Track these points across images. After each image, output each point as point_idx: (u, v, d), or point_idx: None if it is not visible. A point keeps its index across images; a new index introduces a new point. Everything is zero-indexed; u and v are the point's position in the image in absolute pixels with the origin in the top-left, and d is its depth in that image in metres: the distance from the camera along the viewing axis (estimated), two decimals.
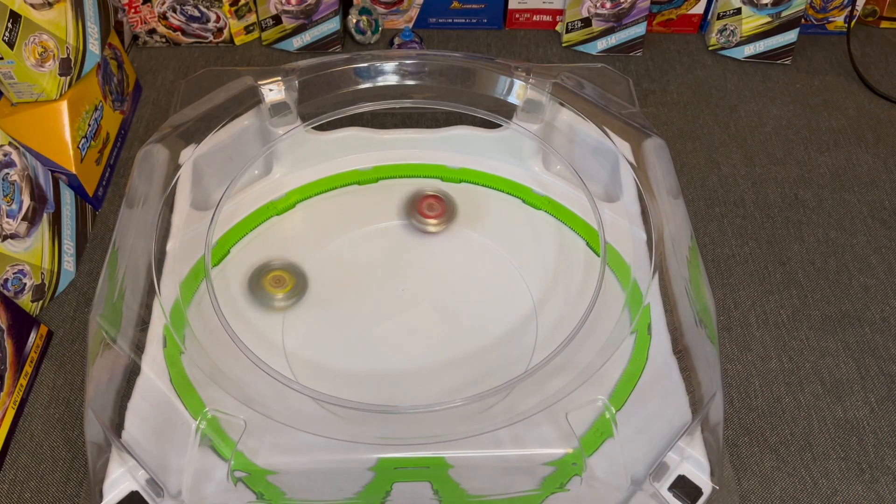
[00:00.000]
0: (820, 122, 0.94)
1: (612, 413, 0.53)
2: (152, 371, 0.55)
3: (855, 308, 0.76)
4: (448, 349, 0.60)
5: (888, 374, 0.71)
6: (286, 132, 0.69)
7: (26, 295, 0.72)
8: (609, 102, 0.69)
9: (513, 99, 0.69)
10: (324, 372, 0.59)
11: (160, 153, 0.65)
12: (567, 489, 0.54)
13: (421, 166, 0.71)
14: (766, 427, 0.67)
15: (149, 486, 0.50)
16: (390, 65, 0.70)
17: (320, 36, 1.01)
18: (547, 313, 0.62)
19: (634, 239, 0.64)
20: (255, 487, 0.52)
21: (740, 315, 0.75)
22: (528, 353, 0.59)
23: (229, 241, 0.66)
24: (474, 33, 1.07)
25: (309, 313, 0.62)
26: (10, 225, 0.69)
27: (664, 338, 0.58)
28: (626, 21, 1.00)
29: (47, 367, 0.71)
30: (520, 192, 0.70)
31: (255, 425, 0.52)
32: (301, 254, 0.66)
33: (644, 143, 0.66)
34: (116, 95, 0.90)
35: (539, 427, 0.52)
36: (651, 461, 0.51)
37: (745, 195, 0.86)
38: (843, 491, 0.64)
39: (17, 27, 0.72)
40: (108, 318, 0.55)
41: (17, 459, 0.65)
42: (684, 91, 0.98)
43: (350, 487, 0.53)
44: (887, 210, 0.84)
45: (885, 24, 1.07)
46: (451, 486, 0.53)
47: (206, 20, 1.01)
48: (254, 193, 0.69)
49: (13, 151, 0.70)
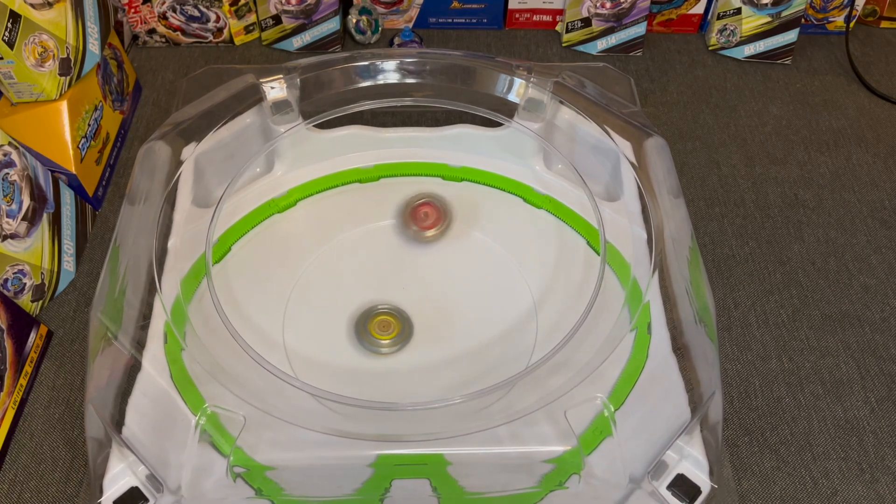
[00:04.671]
0: (820, 122, 0.94)
1: (611, 411, 0.53)
2: (153, 367, 0.55)
3: (855, 308, 0.76)
4: (448, 346, 0.60)
5: (888, 374, 0.71)
6: (287, 130, 0.69)
7: (26, 295, 0.72)
8: (610, 101, 0.69)
9: (514, 98, 0.70)
10: (323, 369, 0.59)
11: (162, 150, 0.65)
12: (566, 487, 0.54)
13: (422, 165, 0.71)
14: (766, 427, 0.67)
15: (149, 481, 0.50)
16: (392, 63, 0.70)
17: (320, 36, 1.02)
18: (547, 311, 0.62)
19: (635, 238, 0.64)
20: (253, 483, 0.52)
21: (740, 315, 0.75)
22: (527, 350, 0.60)
23: (230, 239, 0.66)
24: (474, 33, 1.07)
25: (309, 310, 0.62)
26: (10, 225, 0.69)
27: (664, 336, 0.57)
28: (626, 21, 1.00)
29: (47, 367, 0.71)
30: (521, 190, 0.70)
31: (255, 421, 0.52)
32: (302, 251, 0.66)
33: (645, 142, 0.66)
34: (116, 95, 0.90)
35: (538, 425, 0.52)
36: (650, 459, 0.51)
37: (745, 195, 0.86)
38: (843, 491, 0.64)
39: (17, 27, 0.72)
40: (109, 314, 0.55)
41: (17, 459, 0.65)
42: (684, 91, 0.98)
43: (349, 484, 0.53)
44: (887, 210, 0.84)
45: (885, 24, 1.07)
46: (450, 484, 0.53)
47: (206, 20, 1.01)
48: (255, 191, 0.69)
49: (13, 151, 0.70)
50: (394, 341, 0.60)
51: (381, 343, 0.60)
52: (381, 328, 0.60)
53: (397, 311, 0.62)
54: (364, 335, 0.60)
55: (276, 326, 0.61)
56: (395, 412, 0.52)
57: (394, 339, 0.60)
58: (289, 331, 0.61)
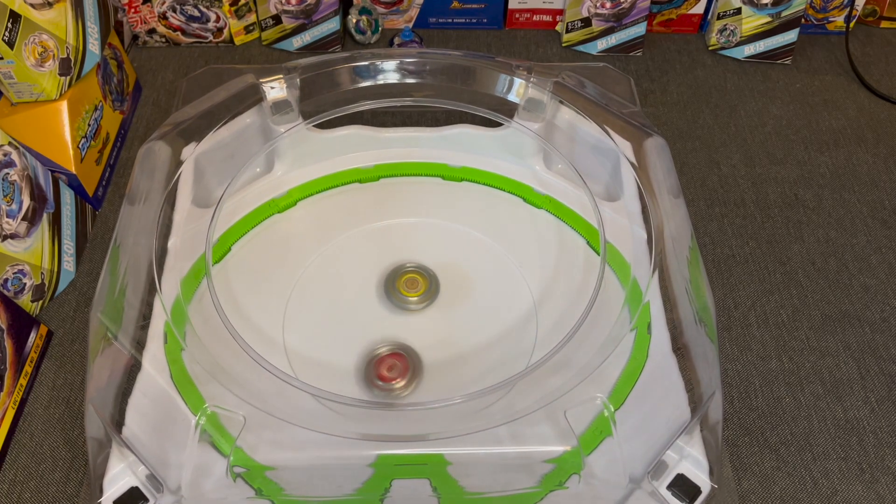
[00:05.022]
0: (820, 122, 0.94)
1: (611, 411, 0.53)
2: (153, 367, 0.55)
3: (855, 308, 0.76)
4: (448, 346, 0.60)
5: (888, 374, 0.71)
6: (287, 130, 0.69)
7: (26, 295, 0.72)
8: (610, 101, 0.69)
9: (514, 98, 0.70)
10: (323, 369, 0.59)
11: (162, 150, 0.65)
12: (566, 487, 0.54)
13: (422, 165, 0.71)
14: (766, 427, 0.67)
15: (149, 481, 0.50)
16: (392, 63, 0.70)
17: (320, 36, 1.02)
18: (547, 311, 0.62)
19: (635, 238, 0.64)
20: (253, 483, 0.52)
21: (740, 315, 0.75)
22: (527, 350, 0.59)
23: (230, 239, 0.66)
24: (474, 33, 1.07)
25: (309, 310, 0.62)
26: (10, 225, 0.69)
27: (664, 336, 0.57)
28: (626, 21, 1.00)
29: (47, 367, 0.71)
30: (521, 190, 0.70)
31: (255, 421, 0.52)
32: (302, 251, 0.66)
33: (645, 142, 0.66)
34: (116, 95, 0.90)
35: (538, 425, 0.52)
36: (650, 459, 0.51)
37: (745, 195, 0.86)
38: (843, 491, 0.64)
39: (17, 27, 0.72)
40: (109, 314, 0.55)
41: (17, 459, 0.65)
42: (684, 91, 0.98)
43: (349, 484, 0.53)
44: (887, 210, 0.84)
45: (885, 24, 1.07)
46: (450, 484, 0.53)
47: (206, 20, 1.01)
48: (255, 191, 0.69)
49: (13, 151, 0.70)
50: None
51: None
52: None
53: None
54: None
55: (276, 326, 0.61)
56: (395, 412, 0.52)
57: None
58: (289, 331, 0.61)
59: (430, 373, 0.59)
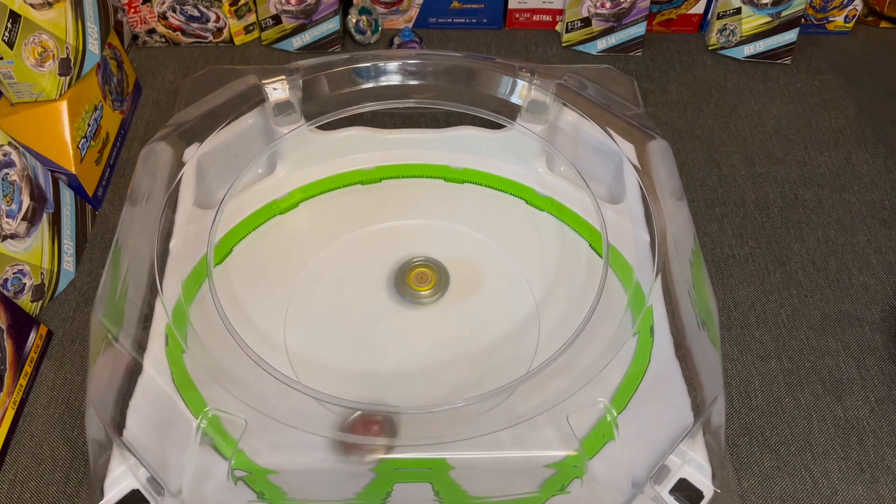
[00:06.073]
0: (820, 122, 0.94)
1: (613, 415, 0.53)
2: (154, 369, 0.55)
3: (855, 308, 0.76)
4: (450, 350, 0.60)
5: (888, 374, 0.71)
6: (290, 131, 0.69)
7: (26, 295, 0.72)
8: (613, 103, 0.69)
9: (516, 99, 0.69)
10: (325, 372, 0.59)
11: (164, 151, 0.65)
12: (568, 491, 0.54)
13: (424, 166, 0.71)
14: (766, 427, 0.67)
15: (149, 484, 0.50)
16: (394, 64, 0.70)
17: (320, 36, 1.01)
18: (549, 314, 0.62)
19: (637, 240, 0.64)
20: (255, 487, 0.52)
21: (740, 315, 0.75)
22: (529, 354, 0.59)
23: (232, 240, 0.66)
24: (474, 33, 1.07)
25: (311, 312, 0.62)
26: (9, 225, 0.69)
27: (666, 340, 0.57)
28: (625, 21, 1.00)
29: (47, 367, 0.71)
30: (523, 192, 0.70)
31: (256, 424, 0.52)
32: (304, 253, 0.66)
33: (648, 144, 0.66)
34: (116, 95, 0.90)
35: (540, 429, 0.52)
36: (652, 464, 0.51)
37: (745, 195, 0.86)
38: (843, 491, 0.64)
39: (16, 27, 0.71)
40: (110, 316, 0.55)
41: (17, 459, 0.65)
42: (684, 91, 0.98)
43: (350, 488, 0.53)
44: (887, 210, 0.84)
45: (884, 24, 1.07)
46: (452, 488, 0.53)
47: (206, 20, 1.01)
48: (257, 192, 0.69)
49: (13, 151, 0.70)
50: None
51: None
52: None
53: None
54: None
55: (278, 328, 0.61)
56: (397, 416, 0.52)
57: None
58: (290, 333, 0.61)
59: (431, 376, 0.59)
